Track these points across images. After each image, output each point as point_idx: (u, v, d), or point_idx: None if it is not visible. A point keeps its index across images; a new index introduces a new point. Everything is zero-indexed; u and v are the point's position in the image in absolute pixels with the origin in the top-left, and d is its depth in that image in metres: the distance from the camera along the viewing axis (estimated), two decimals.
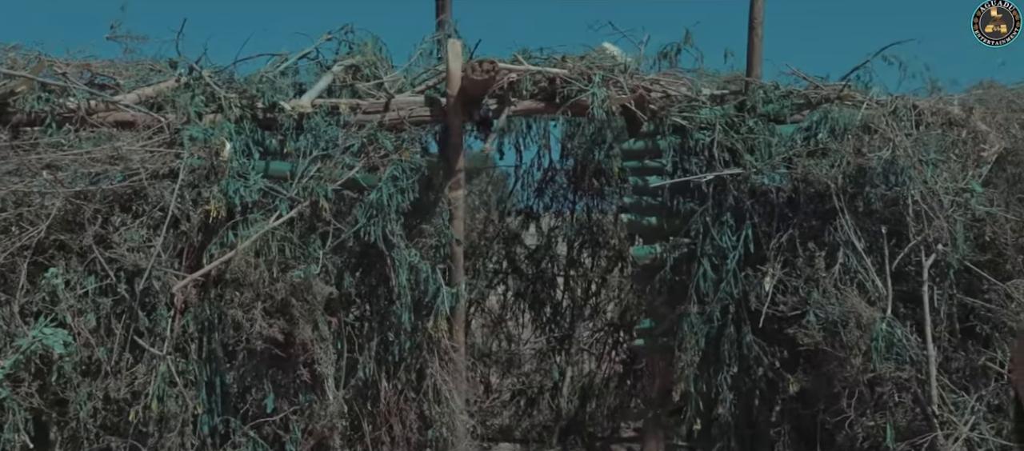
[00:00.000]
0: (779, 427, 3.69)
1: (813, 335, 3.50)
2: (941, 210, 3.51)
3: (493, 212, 6.41)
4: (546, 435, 6.16)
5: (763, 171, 3.67)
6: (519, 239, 6.46)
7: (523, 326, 6.63)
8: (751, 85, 3.90)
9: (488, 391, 6.59)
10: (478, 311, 6.56)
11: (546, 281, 6.44)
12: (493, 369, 6.61)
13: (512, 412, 6.47)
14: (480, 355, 6.56)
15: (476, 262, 6.33)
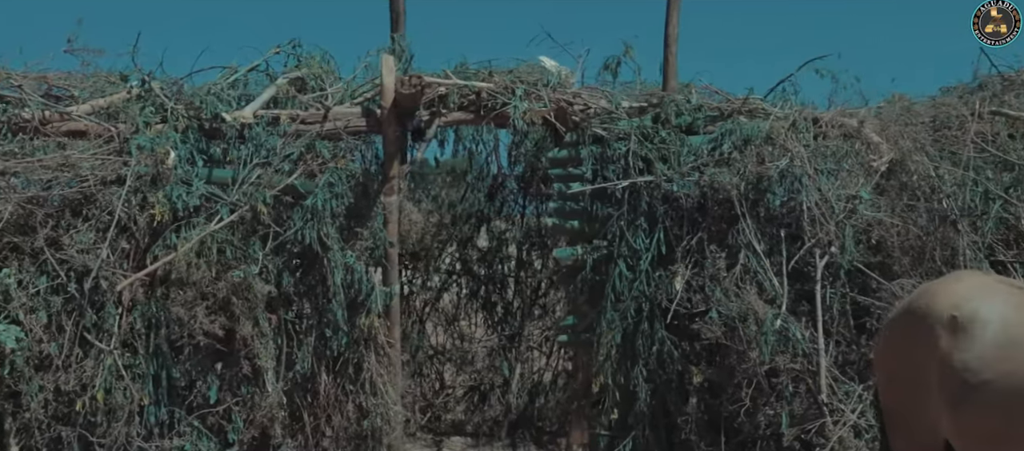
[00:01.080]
0: (688, 416, 3.98)
1: (714, 330, 3.79)
2: (833, 215, 3.82)
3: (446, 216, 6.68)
4: (496, 429, 6.42)
5: (673, 179, 3.97)
6: (472, 242, 6.73)
7: (476, 325, 6.90)
8: (666, 99, 4.20)
9: (442, 387, 6.87)
10: (433, 311, 6.84)
11: (497, 282, 6.71)
12: (447, 366, 6.88)
13: (465, 407, 6.74)
14: (434, 353, 6.84)
15: (430, 263, 6.62)
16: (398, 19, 6.56)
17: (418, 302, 6.84)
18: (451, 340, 6.93)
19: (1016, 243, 4.06)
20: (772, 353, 3.76)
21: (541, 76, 4.27)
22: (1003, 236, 4.07)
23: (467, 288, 6.80)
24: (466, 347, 6.91)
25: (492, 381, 6.70)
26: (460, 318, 6.90)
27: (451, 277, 6.83)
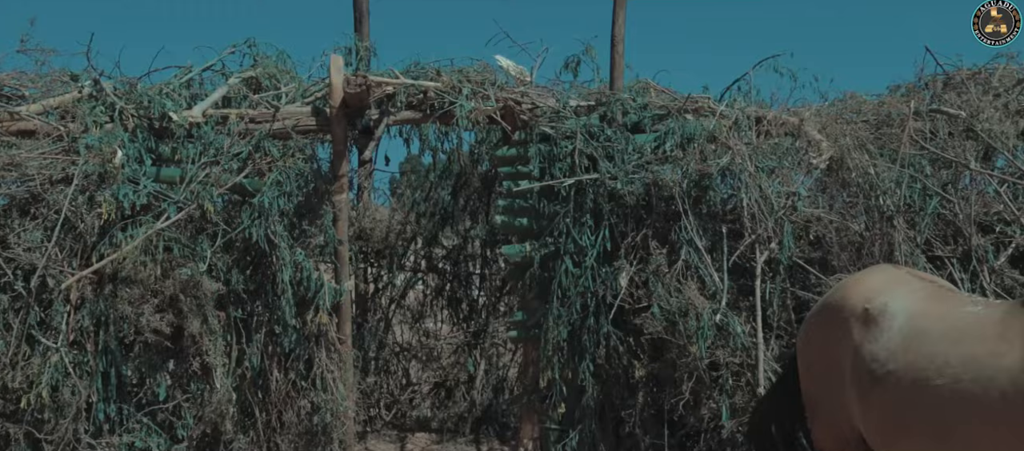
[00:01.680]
0: (631, 409, 4.05)
1: (656, 325, 3.86)
2: (772, 212, 3.90)
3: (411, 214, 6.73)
4: (461, 425, 6.49)
5: (617, 176, 4.03)
6: (437, 239, 6.78)
7: (441, 322, 6.96)
8: (612, 98, 4.27)
9: (409, 384, 6.92)
10: (398, 308, 6.89)
11: (462, 279, 6.78)
12: (413, 363, 6.93)
13: (431, 404, 6.80)
14: (400, 349, 6.90)
15: (394, 261, 6.67)
16: (362, 18, 6.63)
17: (384, 299, 6.92)
18: (417, 337, 7.00)
19: (953, 239, 4.15)
20: (713, 347, 3.83)
21: (490, 76, 4.32)
22: (941, 232, 4.16)
23: (433, 285, 6.88)
24: (432, 344, 6.98)
25: (457, 377, 6.76)
26: (426, 315, 6.97)
27: (416, 275, 6.89)
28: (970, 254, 4.04)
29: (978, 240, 4.05)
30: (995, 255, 4.01)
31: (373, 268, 6.82)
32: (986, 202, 4.20)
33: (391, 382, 6.91)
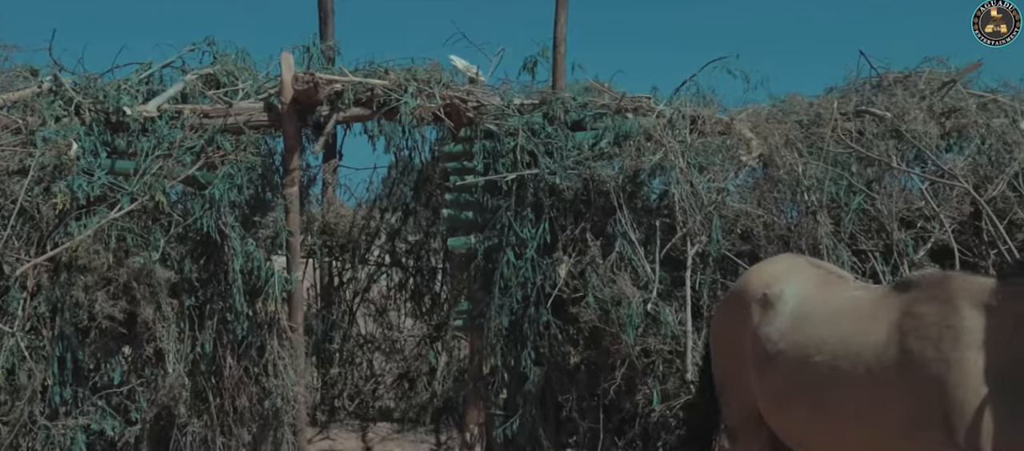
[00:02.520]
0: (570, 395, 4.24)
1: (590, 314, 4.05)
2: (702, 207, 4.10)
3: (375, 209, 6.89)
4: (422, 415, 6.66)
5: (556, 172, 4.22)
6: (400, 234, 6.95)
7: (405, 315, 7.12)
8: (554, 97, 4.45)
9: (373, 375, 7.09)
10: (362, 301, 7.06)
11: (425, 274, 6.95)
12: (376, 355, 7.09)
13: (394, 394, 6.96)
14: (364, 341, 7.06)
15: (357, 254, 6.84)
16: (327, 18, 6.81)
17: (348, 293, 7.08)
18: (381, 329, 7.17)
19: (877, 233, 4.37)
20: (645, 335, 4.03)
21: (438, 75, 4.49)
22: (866, 227, 4.38)
23: (396, 279, 7.05)
24: (395, 336, 7.15)
25: (419, 369, 6.94)
26: (389, 308, 7.14)
27: (380, 268, 7.06)
28: (892, 248, 4.26)
29: (899, 235, 4.27)
30: (915, 249, 4.22)
31: (338, 262, 6.99)
32: (909, 199, 4.41)
33: (356, 373, 7.09)
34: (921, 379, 2.17)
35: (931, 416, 2.12)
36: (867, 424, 2.32)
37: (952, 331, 2.16)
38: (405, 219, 6.85)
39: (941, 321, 2.19)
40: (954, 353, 2.13)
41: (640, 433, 4.27)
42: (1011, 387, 2.04)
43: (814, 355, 2.52)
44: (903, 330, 2.28)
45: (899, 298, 2.39)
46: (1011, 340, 2.07)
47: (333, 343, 6.89)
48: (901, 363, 2.24)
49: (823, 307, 2.62)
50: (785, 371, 2.63)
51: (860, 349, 2.38)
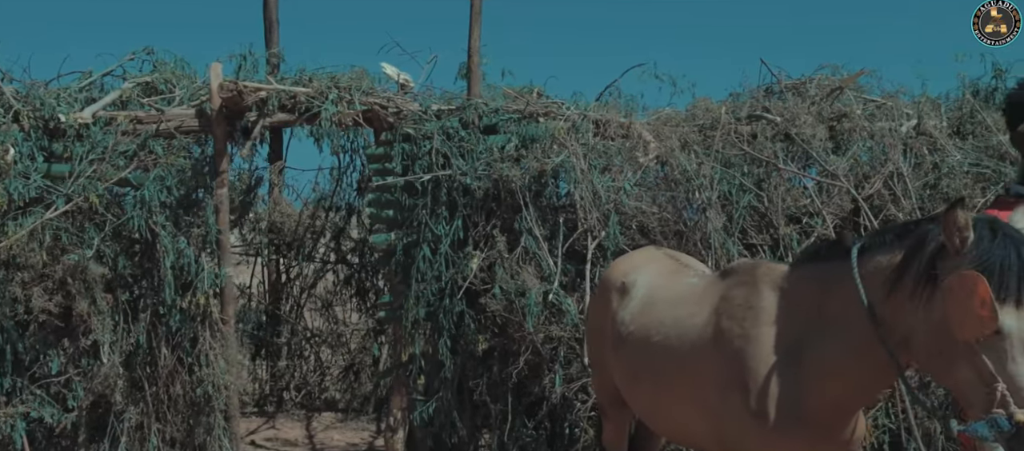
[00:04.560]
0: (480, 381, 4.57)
1: (497, 304, 4.39)
2: (600, 205, 4.44)
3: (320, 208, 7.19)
4: (365, 405, 6.96)
5: (468, 173, 4.55)
6: (345, 232, 7.25)
7: (350, 310, 7.43)
8: (469, 103, 4.78)
9: (320, 367, 7.39)
10: (309, 297, 7.36)
11: (369, 269, 7.25)
12: (323, 348, 7.40)
13: (341, 386, 7.27)
14: (311, 335, 7.36)
15: (302, 251, 7.13)
16: (271, 27, 7.09)
17: (296, 288, 7.38)
18: (327, 323, 7.47)
19: (766, 229, 4.74)
20: (547, 323, 4.37)
21: (360, 82, 4.80)
22: (756, 222, 4.75)
23: (342, 275, 7.35)
24: (340, 330, 7.46)
25: (363, 361, 7.25)
26: (335, 303, 7.44)
27: (326, 265, 7.36)
28: (779, 242, 4.63)
29: (786, 230, 4.64)
30: (799, 243, 4.60)
31: (285, 259, 7.28)
32: (796, 197, 4.79)
33: (304, 366, 7.39)
34: (729, 352, 2.52)
35: (735, 383, 2.47)
36: (691, 395, 2.66)
37: (753, 311, 2.50)
38: (349, 218, 7.16)
39: (745, 303, 2.54)
40: (753, 329, 2.48)
41: (547, 414, 4.62)
42: (795, 358, 2.39)
43: (654, 336, 2.86)
44: (719, 311, 2.62)
45: (721, 284, 2.73)
46: (796, 318, 2.42)
47: (281, 337, 7.20)
48: (715, 339, 2.58)
49: (667, 293, 2.97)
50: (633, 351, 2.97)
51: (688, 329, 2.72)
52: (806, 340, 2.37)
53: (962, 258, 1.98)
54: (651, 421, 3.04)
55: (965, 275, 1.92)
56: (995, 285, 1.89)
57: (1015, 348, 1.89)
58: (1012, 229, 2.01)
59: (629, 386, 3.03)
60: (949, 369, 2.01)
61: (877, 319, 2.19)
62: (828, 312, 2.33)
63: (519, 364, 4.36)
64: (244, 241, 7.25)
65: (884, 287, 2.17)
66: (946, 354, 1.99)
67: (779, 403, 2.37)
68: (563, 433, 4.65)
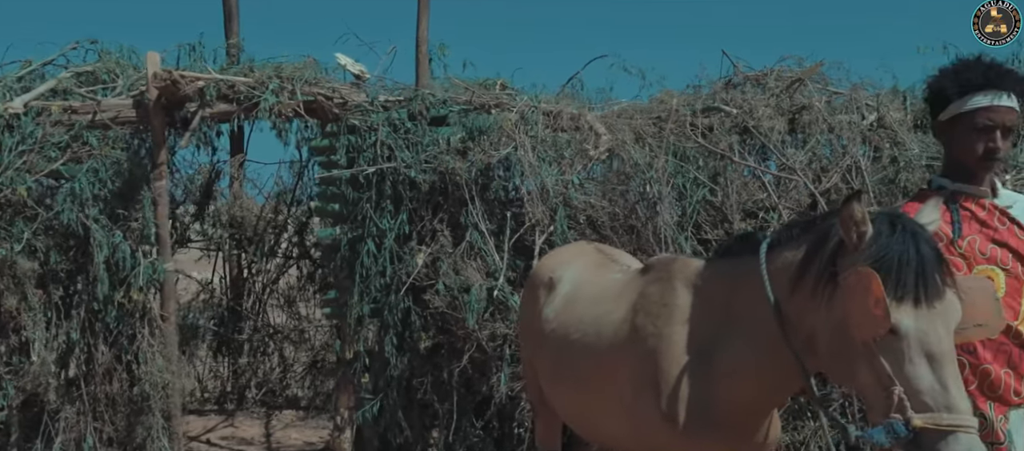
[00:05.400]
0: (425, 379, 4.45)
1: (441, 301, 4.26)
2: (548, 199, 4.32)
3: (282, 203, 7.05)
4: (328, 402, 6.84)
5: (413, 166, 4.42)
6: (308, 226, 7.12)
7: (315, 306, 7.30)
8: (416, 94, 4.65)
9: (283, 364, 7.27)
10: (272, 293, 7.23)
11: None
12: (286, 344, 7.27)
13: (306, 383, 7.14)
14: (274, 332, 7.24)
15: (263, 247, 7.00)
16: (231, 17, 6.94)
17: (258, 284, 7.25)
18: (290, 320, 7.34)
19: (721, 223, 4.62)
20: (492, 320, 4.24)
21: (304, 72, 4.66)
22: (711, 217, 4.63)
23: (305, 271, 7.22)
24: (304, 326, 7.33)
25: (327, 358, 7.12)
26: (298, 299, 7.31)
27: (289, 260, 7.23)
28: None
29: (741, 225, 4.52)
30: None
31: (247, 255, 7.15)
32: (752, 191, 4.67)
33: (266, 363, 7.26)
34: (642, 352, 2.39)
35: (648, 383, 2.35)
36: (608, 393, 2.54)
37: (667, 309, 2.38)
38: (311, 212, 7.02)
39: (660, 300, 2.42)
40: (666, 328, 2.36)
41: (496, 414, 4.50)
42: (706, 358, 2.26)
43: (573, 334, 2.74)
44: (635, 308, 2.50)
45: (639, 280, 2.61)
46: (709, 316, 2.30)
47: (243, 333, 7.08)
48: (631, 337, 2.46)
49: (590, 289, 2.84)
50: (554, 350, 2.85)
51: (605, 327, 2.60)
52: (717, 339, 2.25)
53: (860, 254, 1.86)
54: (573, 423, 2.92)
55: (860, 272, 1.79)
56: (892, 282, 1.77)
57: (912, 349, 1.77)
58: (914, 223, 1.88)
59: (551, 386, 2.91)
60: (849, 371, 1.88)
61: (783, 318, 2.07)
62: (738, 310, 2.21)
63: (462, 362, 4.23)
64: (205, 236, 7.11)
65: (789, 285, 2.05)
66: (846, 355, 1.87)
67: (689, 405, 2.25)
68: (512, 433, 4.53)
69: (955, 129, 2.23)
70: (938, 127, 2.30)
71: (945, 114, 2.25)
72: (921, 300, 1.77)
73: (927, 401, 1.74)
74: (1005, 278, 2.16)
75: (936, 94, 2.28)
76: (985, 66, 2.20)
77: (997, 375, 2.14)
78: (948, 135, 2.26)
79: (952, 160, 2.29)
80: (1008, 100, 2.18)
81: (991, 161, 2.20)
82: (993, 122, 2.16)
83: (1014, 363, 2.15)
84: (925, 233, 1.86)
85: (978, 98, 2.17)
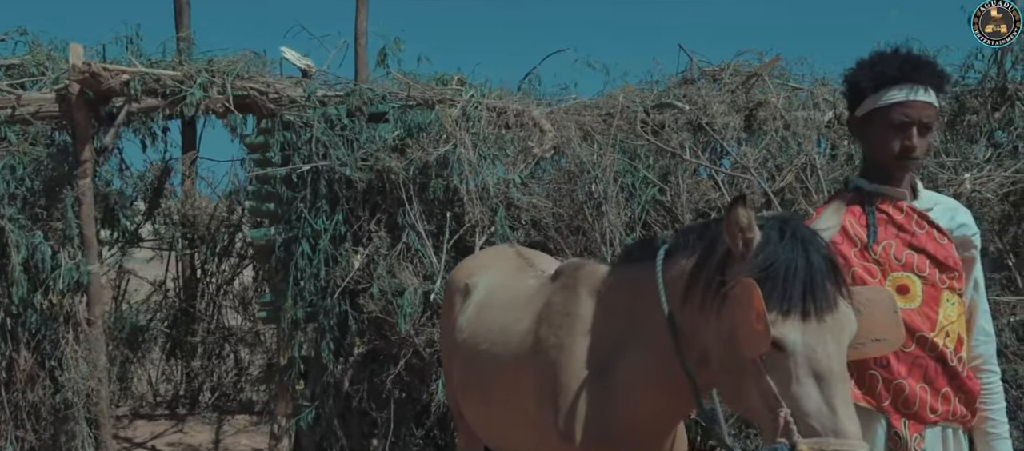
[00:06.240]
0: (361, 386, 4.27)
1: (374, 305, 4.08)
2: (488, 198, 4.14)
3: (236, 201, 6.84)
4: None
5: (348, 164, 4.23)
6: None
7: None
8: (354, 89, 4.46)
9: (239, 367, 7.06)
10: (226, 293, 7.03)
11: None
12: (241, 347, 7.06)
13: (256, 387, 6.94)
14: (229, 334, 7.03)
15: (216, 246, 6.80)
16: (182, 10, 6.73)
17: (212, 285, 7.04)
18: (245, 322, 7.13)
19: (672, 224, 4.44)
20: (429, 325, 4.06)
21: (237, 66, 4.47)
22: (661, 217, 4.45)
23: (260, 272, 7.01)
24: (260, 328, 7.12)
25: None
26: (254, 300, 7.11)
27: (244, 260, 7.02)
28: None
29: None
30: None
31: (200, 255, 6.94)
32: (704, 190, 4.49)
33: (221, 366, 7.06)
34: (544, 364, 2.22)
35: (548, 397, 2.17)
36: (514, 407, 2.37)
37: (570, 318, 2.21)
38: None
39: (564, 309, 2.24)
40: (568, 339, 2.18)
41: (437, 421, 4.32)
42: (606, 371, 2.09)
43: (482, 343, 2.56)
44: (540, 317, 2.32)
45: (548, 287, 2.43)
46: (611, 326, 2.12)
47: (196, 336, 6.87)
48: (534, 348, 2.29)
49: (502, 296, 2.67)
50: (464, 360, 2.67)
51: (512, 336, 2.42)
52: (618, 351, 2.07)
53: (746, 263, 1.68)
54: (483, 436, 2.74)
55: (743, 283, 1.62)
56: (778, 294, 1.60)
57: (800, 368, 1.60)
58: (805, 229, 1.71)
59: (462, 396, 2.74)
60: (738, 390, 1.71)
61: (677, 330, 1.90)
62: (637, 321, 2.03)
63: (397, 369, 4.05)
64: (157, 235, 6.90)
65: (682, 295, 1.87)
66: (736, 373, 1.70)
67: (587, 422, 2.07)
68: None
69: (870, 126, 2.06)
70: (854, 124, 2.13)
71: (860, 110, 2.08)
72: (810, 314, 1.60)
73: (814, 424, 1.57)
74: (922, 286, 1.99)
75: (851, 88, 2.10)
76: (901, 58, 2.02)
77: (912, 390, 1.98)
78: (863, 133, 2.09)
79: (869, 159, 2.11)
80: (925, 95, 2.01)
81: (908, 160, 2.02)
82: (909, 118, 1.99)
83: (930, 378, 1.98)
84: (817, 240, 1.69)
85: (893, 92, 2.00)
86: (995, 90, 4.65)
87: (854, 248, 2.01)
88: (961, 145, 4.56)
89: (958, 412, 2.00)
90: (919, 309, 1.98)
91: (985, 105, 4.65)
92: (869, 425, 1.96)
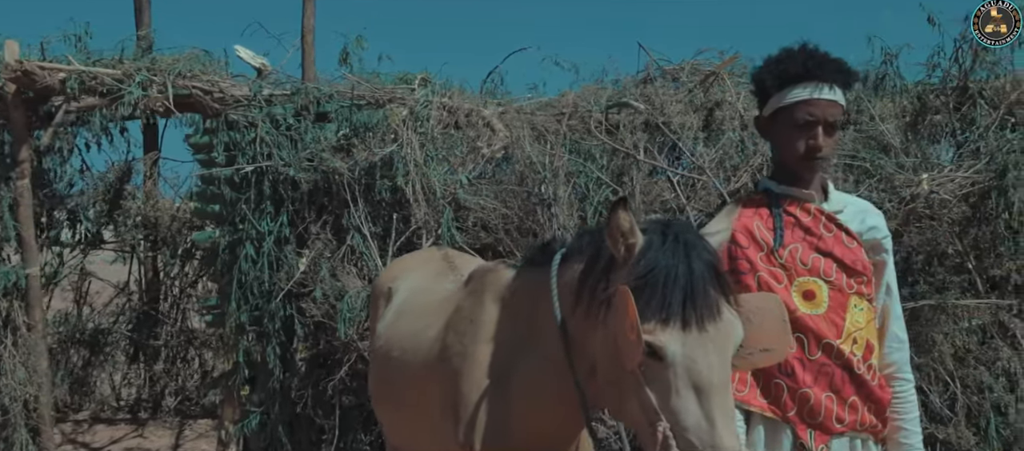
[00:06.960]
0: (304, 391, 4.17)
1: (317, 309, 3.98)
2: (434, 200, 4.04)
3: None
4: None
5: (292, 164, 4.13)
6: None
7: None
8: (301, 88, 4.36)
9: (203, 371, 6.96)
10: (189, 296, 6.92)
11: None
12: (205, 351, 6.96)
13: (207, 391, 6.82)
14: (192, 337, 6.92)
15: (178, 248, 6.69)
16: (142, 9, 6.64)
17: (176, 288, 6.93)
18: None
19: None
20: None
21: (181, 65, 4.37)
22: None
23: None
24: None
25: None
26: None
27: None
28: None
29: None
30: None
31: (162, 257, 6.84)
32: (659, 191, 4.40)
33: (185, 370, 6.95)
34: (448, 372, 2.13)
35: (449, 407, 2.08)
36: (421, 414, 2.28)
37: (474, 325, 2.11)
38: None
39: (469, 315, 2.15)
40: (471, 346, 2.09)
41: None
42: (505, 381, 2.00)
43: (394, 350, 2.47)
44: (448, 325, 2.23)
45: (459, 293, 2.34)
46: (512, 334, 2.03)
47: (159, 339, 6.76)
48: (440, 356, 2.20)
49: (419, 301, 2.57)
50: (377, 368, 2.58)
51: (422, 343, 2.33)
52: (517, 360, 1.98)
53: (628, 269, 1.59)
54: (396, 444, 2.64)
55: (619, 290, 1.53)
56: (657, 302, 1.50)
57: (679, 379, 1.50)
58: (690, 234, 1.62)
59: (376, 404, 2.64)
60: (620, 403, 1.62)
61: (569, 338, 1.80)
62: (535, 328, 1.94)
63: (340, 374, 3.94)
64: (118, 237, 6.79)
65: (572, 301, 1.78)
66: (617, 384, 1.61)
67: (485, 433, 1.98)
68: None
69: (775, 126, 1.97)
70: (761, 124, 2.04)
71: (766, 109, 1.99)
72: (690, 323, 1.50)
73: (692, 439, 1.47)
74: (828, 291, 1.90)
75: (758, 87, 2.01)
76: (805, 55, 1.94)
77: (817, 400, 1.88)
78: (770, 133, 2.00)
79: (777, 161, 2.02)
80: (830, 93, 1.92)
81: (813, 160, 1.94)
82: (813, 117, 1.90)
83: (836, 386, 1.89)
84: (702, 245, 1.60)
85: (797, 91, 1.91)
86: (957, 89, 4.57)
87: (760, 252, 1.92)
88: (922, 145, 4.48)
89: (867, 422, 1.91)
90: (825, 315, 1.89)
91: (947, 105, 4.57)
92: (775, 436, 1.87)
